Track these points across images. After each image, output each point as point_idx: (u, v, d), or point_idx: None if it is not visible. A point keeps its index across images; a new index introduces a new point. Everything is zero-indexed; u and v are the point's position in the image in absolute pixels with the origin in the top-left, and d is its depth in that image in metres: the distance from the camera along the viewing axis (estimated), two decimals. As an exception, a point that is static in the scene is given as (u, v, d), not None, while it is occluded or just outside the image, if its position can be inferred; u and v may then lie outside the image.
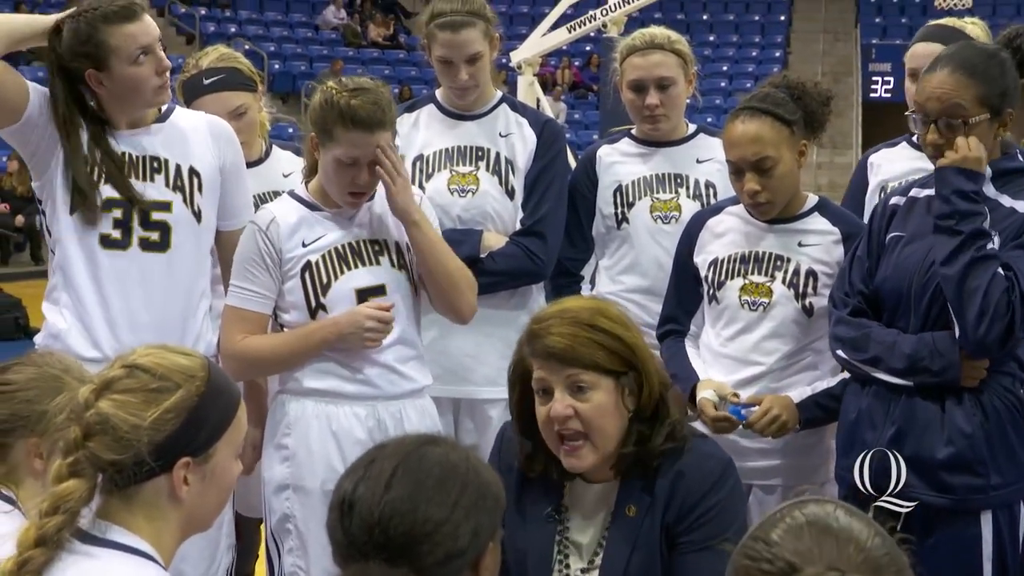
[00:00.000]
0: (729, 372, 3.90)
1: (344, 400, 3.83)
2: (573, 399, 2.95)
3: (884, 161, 4.46)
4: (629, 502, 3.00)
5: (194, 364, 2.45)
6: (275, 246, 3.80)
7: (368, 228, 3.88)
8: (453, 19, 4.29)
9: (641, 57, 4.45)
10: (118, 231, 3.87)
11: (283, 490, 3.84)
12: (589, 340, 2.96)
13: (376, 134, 3.72)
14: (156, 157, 3.93)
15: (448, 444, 2.31)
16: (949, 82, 3.39)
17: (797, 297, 3.85)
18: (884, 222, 3.62)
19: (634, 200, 4.48)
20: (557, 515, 3.08)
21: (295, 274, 3.80)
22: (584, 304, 3.09)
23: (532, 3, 30.56)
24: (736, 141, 3.81)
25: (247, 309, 3.84)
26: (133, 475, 2.36)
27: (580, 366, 2.95)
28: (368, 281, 3.84)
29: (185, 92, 4.51)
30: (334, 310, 3.80)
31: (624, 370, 2.98)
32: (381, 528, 2.15)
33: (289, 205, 3.89)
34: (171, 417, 2.37)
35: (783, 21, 31.42)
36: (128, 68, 3.80)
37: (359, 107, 3.71)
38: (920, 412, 3.43)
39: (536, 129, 4.47)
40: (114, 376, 2.40)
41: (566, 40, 17.12)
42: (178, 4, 27.70)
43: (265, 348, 3.86)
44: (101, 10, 3.79)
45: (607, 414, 2.97)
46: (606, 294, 4.49)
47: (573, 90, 28.36)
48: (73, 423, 2.38)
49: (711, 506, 2.94)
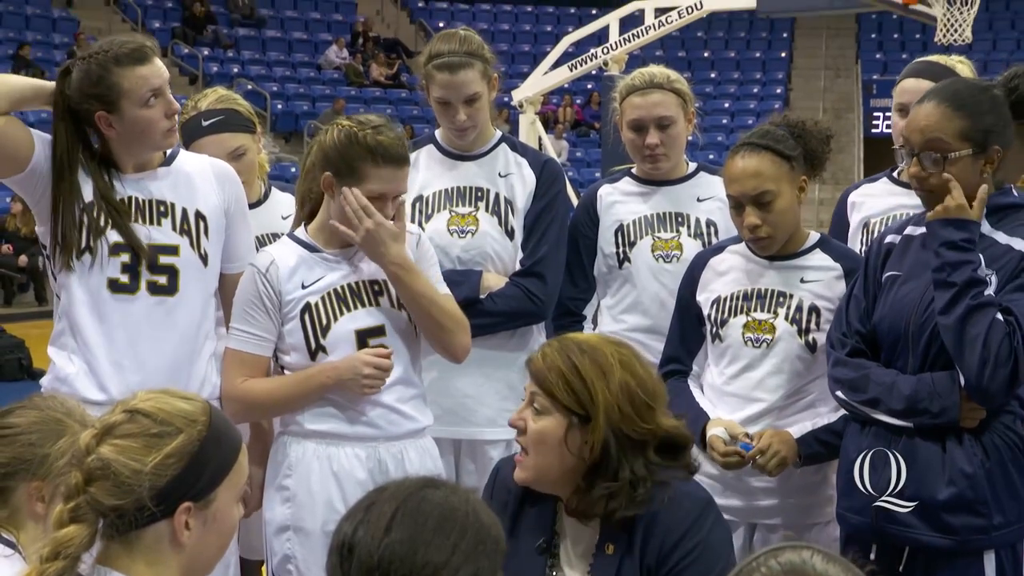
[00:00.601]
0: (733, 410, 3.89)
1: (345, 441, 3.81)
2: (527, 413, 3.05)
3: (865, 198, 4.47)
4: (608, 540, 3.02)
5: (195, 409, 2.45)
6: (274, 288, 3.79)
7: (367, 269, 3.85)
8: (451, 60, 4.29)
9: (641, 96, 4.45)
10: (126, 275, 3.86)
11: (284, 531, 3.82)
12: (558, 369, 3.01)
13: (403, 168, 3.75)
14: (163, 201, 3.92)
15: (448, 487, 2.31)
16: (934, 115, 3.40)
17: (800, 333, 3.85)
18: (879, 261, 3.62)
19: (635, 239, 4.48)
20: (548, 547, 3.09)
21: (295, 316, 3.78)
22: (595, 339, 3.12)
23: (533, 41, 30.71)
24: (736, 176, 3.82)
25: (247, 352, 3.83)
26: (134, 520, 2.36)
27: (540, 386, 3.03)
28: (368, 322, 3.82)
29: (184, 134, 4.51)
30: (334, 351, 3.78)
31: (579, 413, 2.99)
32: (381, 572, 2.15)
33: (288, 247, 3.88)
34: (172, 462, 2.37)
35: (784, 58, 31.52)
36: (139, 111, 3.79)
37: (388, 143, 3.72)
38: (921, 452, 3.42)
39: (536, 169, 4.47)
40: (115, 421, 2.40)
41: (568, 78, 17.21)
42: (181, 45, 27.82)
43: (264, 392, 3.84)
44: (112, 52, 3.78)
45: (546, 443, 3.01)
46: (608, 333, 4.48)
47: (575, 128, 28.43)
48: (74, 468, 2.38)
49: (692, 547, 2.93)
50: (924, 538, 3.40)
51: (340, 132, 3.76)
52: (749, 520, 3.90)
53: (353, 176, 3.73)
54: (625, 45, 15.90)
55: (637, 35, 15.97)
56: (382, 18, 32.66)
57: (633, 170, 4.63)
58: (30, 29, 26.49)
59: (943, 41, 15.42)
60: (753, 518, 3.90)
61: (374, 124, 3.75)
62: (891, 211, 4.31)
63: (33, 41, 26.02)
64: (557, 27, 30.41)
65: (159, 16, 28.79)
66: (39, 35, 26.47)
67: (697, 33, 30.59)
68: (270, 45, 29.56)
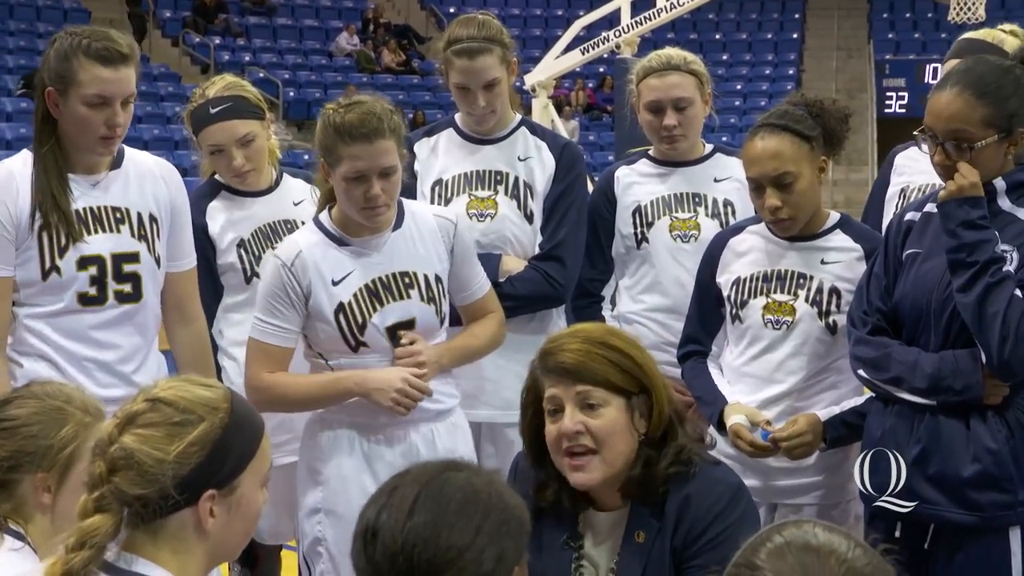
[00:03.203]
0: (752, 391, 3.90)
1: (376, 425, 3.84)
2: (583, 415, 2.98)
3: (910, 163, 4.47)
4: (638, 528, 3.02)
5: (217, 396, 2.45)
6: (300, 282, 3.79)
7: (396, 259, 3.87)
8: (470, 46, 4.30)
9: (658, 78, 4.46)
10: (94, 288, 3.87)
11: (315, 514, 3.86)
12: (601, 357, 3.00)
13: (376, 143, 3.70)
14: (118, 208, 3.92)
15: (471, 469, 2.31)
16: (956, 104, 3.37)
17: (820, 315, 3.85)
18: (900, 239, 3.61)
19: (653, 220, 4.49)
20: (572, 543, 3.08)
21: (328, 316, 3.79)
22: (596, 326, 3.16)
23: (545, 25, 30.63)
24: (756, 157, 3.80)
25: (272, 344, 3.83)
26: (159, 509, 2.36)
27: (591, 382, 2.98)
28: (399, 317, 3.84)
29: (193, 121, 4.52)
30: (373, 346, 3.81)
31: (635, 391, 3.01)
32: (405, 556, 2.15)
33: (314, 236, 3.87)
34: (195, 450, 2.37)
35: (796, 39, 31.40)
36: (80, 107, 3.76)
37: (353, 120, 3.70)
38: (945, 430, 3.42)
39: (555, 153, 4.47)
40: (137, 410, 2.40)
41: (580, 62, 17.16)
42: (192, 34, 27.80)
43: (291, 390, 3.86)
44: (87, 41, 3.76)
45: (617, 432, 3.00)
46: (627, 313, 4.51)
47: (587, 112, 28.37)
48: (97, 458, 2.38)
49: (720, 531, 2.95)
50: (949, 515, 3.40)
51: (321, 118, 3.78)
52: (770, 500, 3.91)
53: (333, 159, 3.74)
54: (637, 28, 15.85)
55: (649, 18, 15.92)
56: (393, 4, 32.60)
57: (650, 151, 4.64)
58: (41, 20, 26.48)
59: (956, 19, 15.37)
60: (774, 498, 3.91)
61: (346, 103, 3.75)
62: (933, 181, 4.29)
63: (44, 32, 26.02)
64: (568, 11, 30.30)
65: (170, 5, 28.77)
66: (51, 26, 26.39)
67: (708, 15, 30.48)
68: (281, 33, 29.51)
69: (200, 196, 4.54)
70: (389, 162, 3.75)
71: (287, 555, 5.16)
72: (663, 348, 4.25)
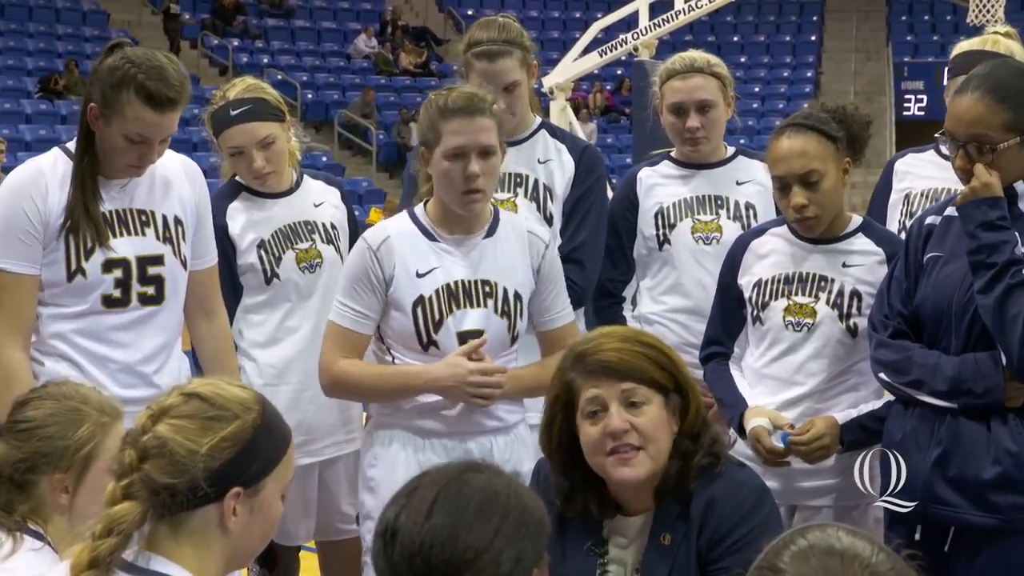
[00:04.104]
0: (772, 393, 3.90)
1: (432, 434, 3.81)
2: (628, 414, 2.98)
3: (910, 168, 4.49)
4: (664, 530, 3.02)
5: (250, 397, 2.47)
6: (383, 267, 3.77)
7: (481, 266, 3.83)
8: (490, 48, 4.30)
9: (681, 80, 4.48)
10: (119, 290, 3.88)
11: (367, 520, 3.85)
12: (641, 354, 3.01)
13: (477, 119, 3.73)
14: (144, 210, 3.93)
15: (491, 471, 2.32)
16: (977, 108, 3.36)
17: (841, 318, 3.84)
18: (920, 242, 3.61)
19: (675, 222, 4.50)
20: (597, 548, 3.08)
21: (407, 307, 3.76)
22: (623, 327, 3.12)
23: (563, 28, 30.64)
24: (783, 156, 3.81)
25: (350, 329, 3.81)
26: (185, 501, 2.37)
27: (635, 380, 3.00)
28: (473, 325, 3.79)
29: (213, 123, 4.52)
30: (444, 348, 3.76)
31: (671, 388, 3.02)
32: (422, 557, 2.16)
33: (406, 226, 3.85)
34: (227, 446, 2.38)
35: (814, 41, 31.38)
36: (119, 138, 3.76)
37: (457, 98, 3.72)
38: (965, 432, 3.41)
39: (575, 155, 4.47)
40: (172, 403, 2.42)
41: (598, 64, 17.15)
42: (211, 36, 27.87)
43: (361, 378, 3.84)
44: (142, 77, 3.73)
45: (660, 428, 3.01)
46: (648, 314, 4.53)
47: (605, 114, 28.38)
48: (128, 447, 2.39)
49: (745, 533, 2.94)
50: (969, 518, 3.40)
51: (424, 105, 3.81)
52: (790, 502, 3.90)
53: (435, 138, 3.74)
54: (655, 30, 15.84)
55: (667, 20, 15.90)
56: (411, 6, 32.65)
57: (672, 153, 4.65)
58: (60, 22, 26.59)
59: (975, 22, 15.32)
60: (794, 500, 3.90)
61: (452, 87, 3.81)
62: (934, 186, 4.31)
63: (63, 34, 26.13)
64: (586, 13, 30.33)
65: (188, 7, 28.85)
66: (69, 28, 26.57)
67: (726, 17, 30.45)
68: (299, 35, 29.58)
69: (220, 197, 4.55)
70: (489, 140, 3.74)
71: (306, 556, 5.17)
72: (684, 349, 4.24)
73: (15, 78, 23.82)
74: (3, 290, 3.80)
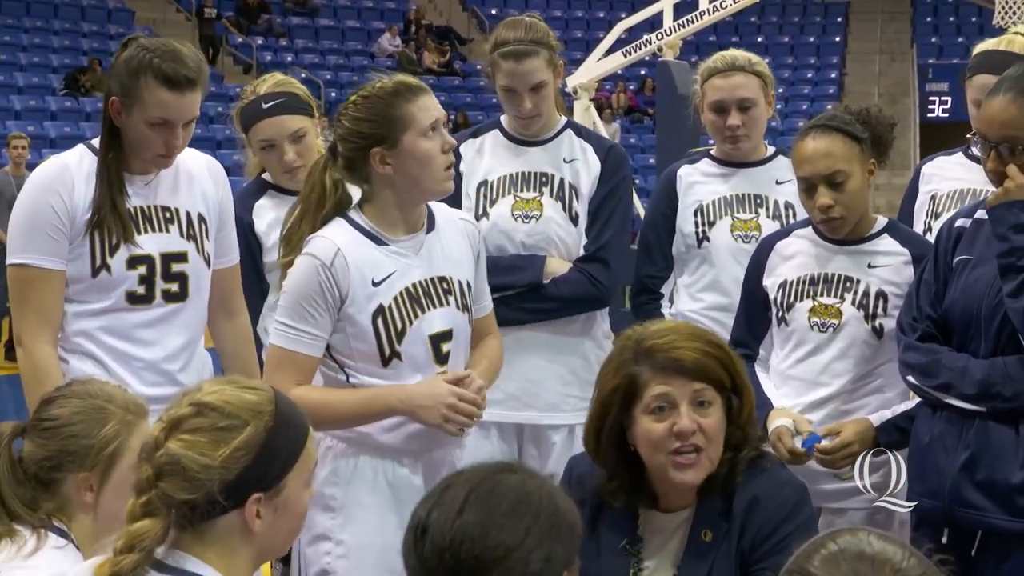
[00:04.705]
0: (797, 394, 3.90)
1: (396, 452, 3.62)
2: (696, 414, 2.98)
3: (937, 171, 4.49)
4: (705, 527, 3.00)
5: (261, 399, 2.46)
6: (339, 284, 3.49)
7: (434, 263, 3.64)
8: (517, 48, 4.30)
9: (723, 79, 4.49)
10: (143, 287, 3.88)
11: (323, 541, 3.61)
12: (712, 355, 3.00)
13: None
14: (167, 207, 3.94)
15: (525, 472, 2.33)
16: (1010, 109, 3.35)
17: (867, 319, 3.84)
18: (950, 245, 3.60)
19: (715, 219, 4.51)
20: (631, 547, 3.07)
21: (363, 319, 3.52)
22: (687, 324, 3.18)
23: (586, 28, 30.63)
24: (808, 157, 3.81)
25: (300, 353, 3.52)
26: (206, 513, 2.37)
27: (707, 381, 2.99)
28: (440, 326, 3.60)
29: (243, 118, 4.54)
30: (408, 358, 3.55)
31: (731, 389, 3.02)
32: (452, 553, 2.17)
33: (348, 234, 3.56)
34: (242, 455, 2.38)
35: (838, 42, 31.30)
36: (141, 125, 3.77)
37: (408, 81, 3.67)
38: (994, 436, 3.40)
39: (600, 155, 4.48)
40: (182, 415, 2.41)
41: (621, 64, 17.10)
42: (235, 34, 27.93)
43: (320, 406, 3.44)
44: (158, 60, 3.74)
45: (721, 431, 3.01)
46: (686, 312, 4.52)
47: (628, 114, 28.36)
48: (145, 463, 2.40)
49: (787, 534, 2.93)
50: (997, 522, 3.38)
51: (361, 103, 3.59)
52: (815, 504, 3.88)
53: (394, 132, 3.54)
54: (679, 31, 15.77)
55: (691, 20, 15.84)
56: (435, 6, 32.67)
57: (712, 151, 4.66)
58: (86, 20, 26.68)
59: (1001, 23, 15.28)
60: (819, 502, 3.88)
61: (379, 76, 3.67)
62: (960, 188, 4.31)
63: (89, 32, 26.21)
64: (610, 13, 30.28)
65: (213, 6, 28.91)
66: (94, 26, 26.66)
67: (750, 18, 30.40)
68: (323, 33, 29.63)
69: (247, 194, 4.57)
70: (441, 112, 3.62)
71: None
72: None
73: (40, 75, 23.91)
74: (31, 285, 3.81)
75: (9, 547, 2.81)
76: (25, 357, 3.81)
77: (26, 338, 3.81)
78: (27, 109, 22.28)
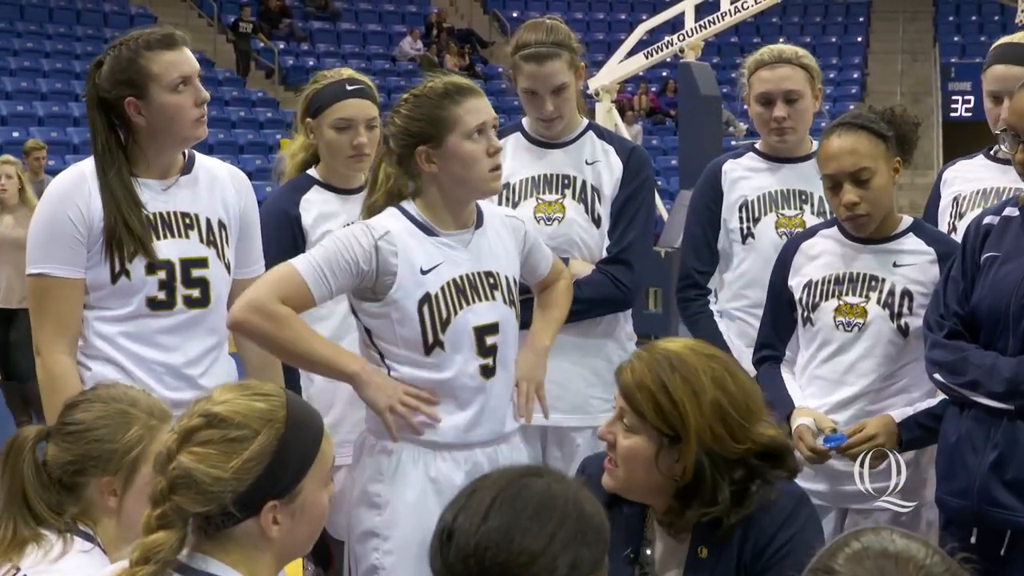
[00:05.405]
0: (824, 394, 3.89)
1: (441, 447, 3.65)
2: (618, 429, 2.97)
3: (959, 174, 4.47)
4: (701, 544, 2.97)
5: (273, 406, 2.44)
6: (379, 263, 3.55)
7: (482, 258, 3.70)
8: (538, 50, 4.30)
9: (769, 71, 4.49)
10: (163, 292, 3.87)
11: (371, 538, 3.68)
12: (648, 388, 2.90)
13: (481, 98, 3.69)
14: (187, 213, 3.92)
15: (552, 476, 2.31)
16: None
17: (892, 317, 3.83)
18: (978, 242, 3.59)
19: (760, 215, 4.50)
20: (636, 556, 3.06)
21: (410, 307, 3.57)
22: (682, 354, 2.95)
23: (608, 29, 30.61)
24: (834, 154, 3.81)
25: (307, 284, 3.54)
26: (221, 523, 2.37)
27: (627, 403, 2.94)
28: (486, 318, 3.65)
29: (324, 96, 4.46)
30: (452, 348, 3.60)
31: (670, 434, 2.90)
32: (477, 558, 2.16)
33: (401, 222, 3.64)
34: (254, 465, 2.37)
35: (860, 42, 31.23)
36: (168, 96, 3.78)
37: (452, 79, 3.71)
38: (1022, 434, 3.39)
39: (623, 156, 4.46)
40: (193, 426, 2.40)
41: (643, 66, 17.13)
42: (257, 38, 28.00)
43: (298, 337, 3.56)
44: (143, 38, 3.80)
45: (636, 460, 2.93)
46: (731, 309, 4.52)
47: (650, 116, 28.33)
48: (159, 475, 2.39)
49: (786, 541, 2.89)
50: (1026, 521, 3.37)
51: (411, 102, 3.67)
52: (840, 505, 3.89)
53: (440, 132, 3.62)
54: (700, 32, 15.80)
55: (712, 22, 15.87)
56: (456, 9, 32.70)
57: (757, 145, 4.66)
58: (108, 26, 26.75)
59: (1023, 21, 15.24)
60: (843, 503, 3.89)
61: (430, 77, 3.72)
62: (982, 188, 4.29)
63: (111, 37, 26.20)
64: (632, 15, 30.28)
65: (235, 10, 28.99)
66: (116, 31, 26.58)
67: (772, 19, 30.34)
68: (345, 38, 29.68)
69: (294, 189, 4.52)
70: (492, 114, 3.68)
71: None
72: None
73: (63, 81, 24.00)
74: (48, 294, 3.82)
75: (36, 551, 2.82)
76: (42, 367, 3.82)
77: (44, 348, 3.82)
78: (50, 115, 22.36)
